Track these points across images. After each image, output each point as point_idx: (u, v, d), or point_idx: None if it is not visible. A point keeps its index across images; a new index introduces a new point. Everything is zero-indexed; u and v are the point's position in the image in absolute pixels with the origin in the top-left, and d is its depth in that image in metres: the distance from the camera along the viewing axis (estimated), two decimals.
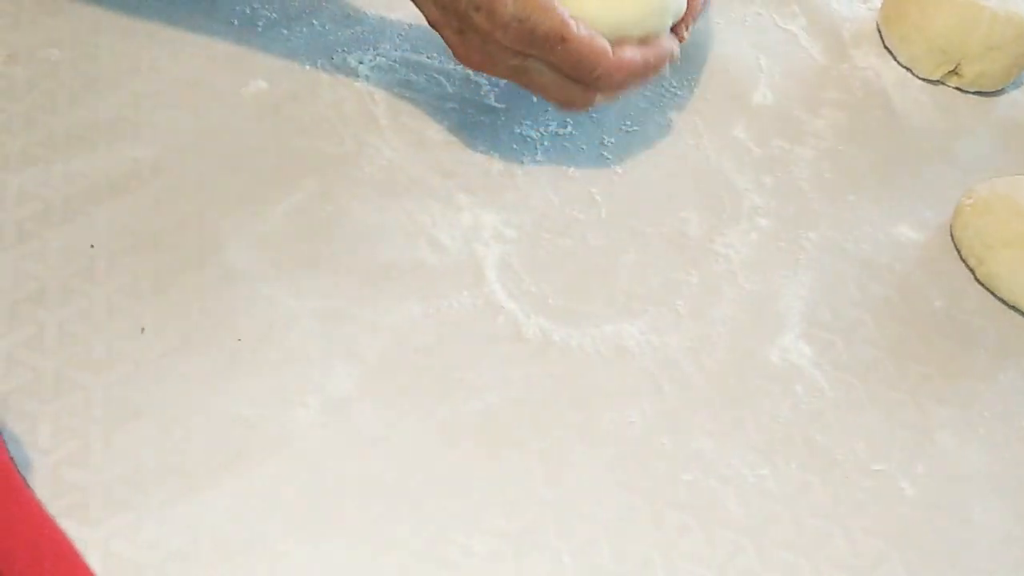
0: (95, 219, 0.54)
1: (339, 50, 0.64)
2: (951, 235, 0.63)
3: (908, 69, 0.71)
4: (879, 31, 0.73)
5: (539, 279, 0.57)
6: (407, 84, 0.63)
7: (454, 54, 0.57)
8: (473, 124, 0.62)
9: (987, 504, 0.53)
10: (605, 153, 0.63)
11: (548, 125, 0.63)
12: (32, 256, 0.52)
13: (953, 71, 0.70)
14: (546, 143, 0.62)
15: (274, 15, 0.64)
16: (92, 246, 0.53)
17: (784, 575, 0.49)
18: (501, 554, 0.47)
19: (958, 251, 0.62)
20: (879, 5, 0.74)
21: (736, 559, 0.49)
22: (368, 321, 0.53)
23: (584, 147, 0.63)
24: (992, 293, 0.61)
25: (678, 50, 0.60)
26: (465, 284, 0.56)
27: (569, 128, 0.64)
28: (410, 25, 0.65)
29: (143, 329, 0.51)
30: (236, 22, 0.63)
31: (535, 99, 0.64)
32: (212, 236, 0.55)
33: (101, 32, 0.61)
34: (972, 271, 0.61)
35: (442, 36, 0.56)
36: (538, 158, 0.62)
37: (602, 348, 0.55)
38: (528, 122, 0.63)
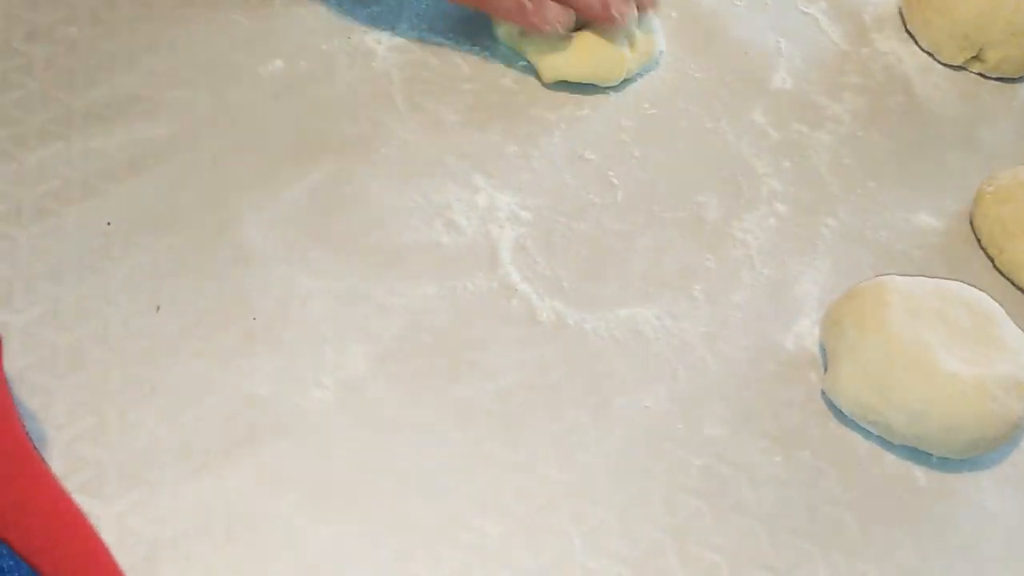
0: (112, 197, 0.54)
1: (357, 30, 0.63)
2: (971, 223, 0.62)
3: (930, 54, 0.70)
4: (901, 15, 0.72)
5: (554, 262, 0.56)
6: (424, 65, 0.63)
7: None
8: (490, 105, 0.62)
9: (1001, 492, 0.53)
10: (623, 136, 0.62)
11: (564, 107, 0.63)
12: (50, 233, 0.52)
13: (976, 56, 0.69)
14: (563, 125, 0.62)
15: None
16: (109, 223, 0.53)
17: (796, 562, 0.49)
18: (513, 536, 0.47)
19: (978, 239, 0.62)
20: None
21: (748, 545, 0.49)
22: (383, 302, 0.53)
23: (601, 129, 0.62)
24: (1012, 282, 0.60)
25: None
26: (480, 266, 0.55)
27: (586, 110, 0.63)
28: (427, 5, 0.65)
29: (159, 307, 0.51)
30: (254, 0, 0.63)
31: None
32: (228, 215, 0.55)
33: (119, 9, 0.61)
34: (992, 259, 0.61)
35: None
36: (554, 140, 0.61)
37: (617, 332, 0.54)
38: (545, 104, 0.63)
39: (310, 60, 0.61)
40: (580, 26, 0.63)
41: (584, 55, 0.63)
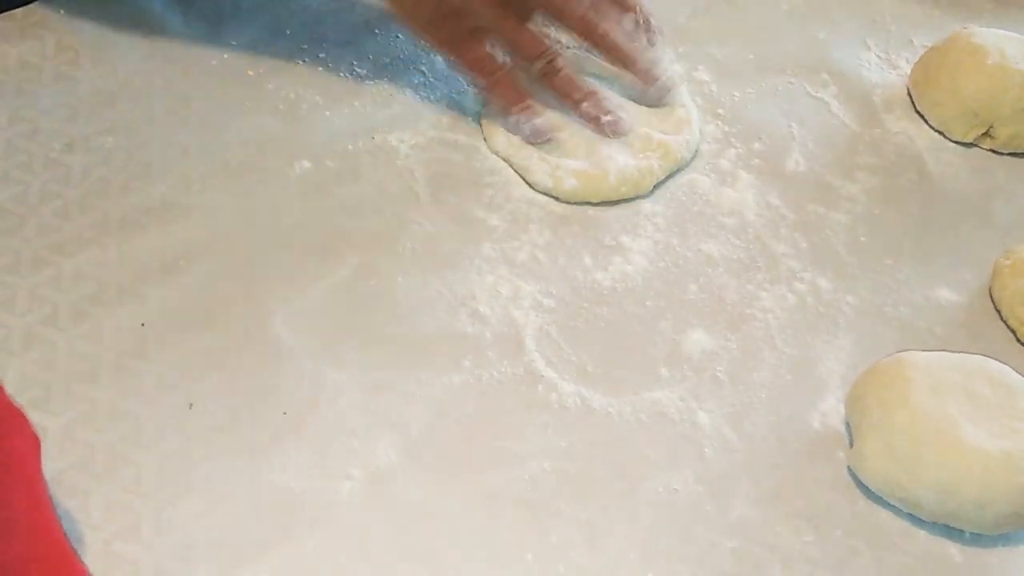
0: (147, 299, 0.56)
1: (380, 130, 0.65)
2: (991, 296, 0.63)
3: (941, 132, 0.71)
4: (910, 96, 0.73)
5: (578, 347, 0.57)
6: (446, 161, 0.65)
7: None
8: (510, 198, 0.64)
9: None
10: (641, 221, 0.64)
11: None
12: (86, 336, 0.54)
13: (986, 133, 0.70)
14: (581, 212, 0.63)
15: (317, 98, 0.66)
16: (143, 325, 0.55)
17: None
18: None
19: (998, 312, 0.62)
20: (909, 71, 0.74)
21: None
22: (411, 392, 0.54)
23: (619, 215, 0.64)
24: None
25: None
26: (505, 354, 0.56)
27: None
28: (447, 105, 0.67)
29: (191, 405, 0.52)
30: (281, 106, 0.66)
31: None
32: (259, 313, 0.56)
33: (153, 120, 0.64)
34: (1013, 331, 0.61)
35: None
36: (574, 228, 0.63)
37: (642, 415, 0.55)
38: None
39: (336, 160, 0.64)
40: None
41: (602, 179, 0.63)
